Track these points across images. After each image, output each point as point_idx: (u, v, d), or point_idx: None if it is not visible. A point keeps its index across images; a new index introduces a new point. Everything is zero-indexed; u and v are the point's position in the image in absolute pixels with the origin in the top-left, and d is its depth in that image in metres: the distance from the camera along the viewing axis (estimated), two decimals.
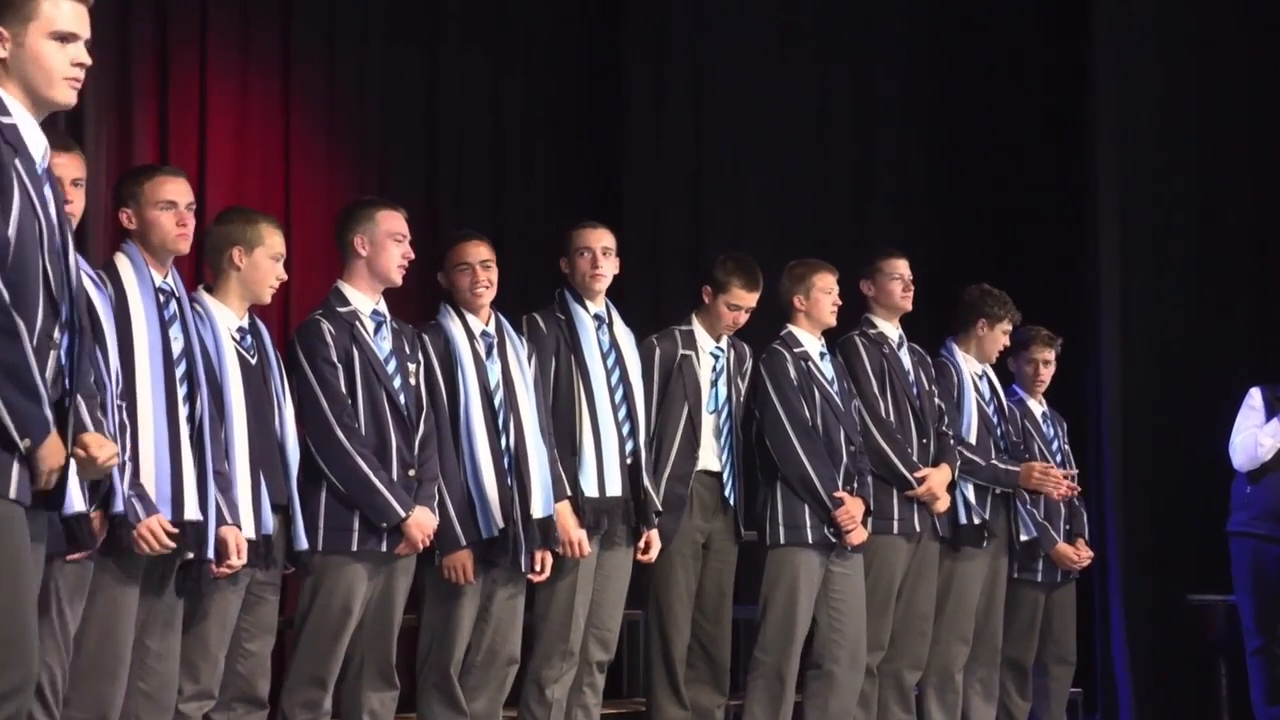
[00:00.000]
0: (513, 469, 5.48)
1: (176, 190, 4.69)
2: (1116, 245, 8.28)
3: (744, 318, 6.27)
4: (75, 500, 3.98)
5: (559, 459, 5.67)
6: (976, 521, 6.70)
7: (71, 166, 4.25)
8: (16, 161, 3.34)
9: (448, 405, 5.47)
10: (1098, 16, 8.38)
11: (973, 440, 6.78)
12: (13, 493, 3.26)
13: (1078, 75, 8.47)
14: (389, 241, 5.33)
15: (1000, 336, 6.95)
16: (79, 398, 3.47)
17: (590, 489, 5.73)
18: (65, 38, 3.45)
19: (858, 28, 8.80)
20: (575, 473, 5.72)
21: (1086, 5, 8.39)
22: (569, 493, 5.67)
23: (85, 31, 3.48)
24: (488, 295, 5.61)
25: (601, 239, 5.94)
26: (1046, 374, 7.17)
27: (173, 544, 4.39)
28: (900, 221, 8.70)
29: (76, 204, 4.26)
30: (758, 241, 7.73)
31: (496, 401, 5.53)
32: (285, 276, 5.08)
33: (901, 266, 6.67)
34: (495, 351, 5.59)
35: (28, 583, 3.31)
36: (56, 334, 3.37)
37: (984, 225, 8.65)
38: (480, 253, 5.62)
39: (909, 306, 6.69)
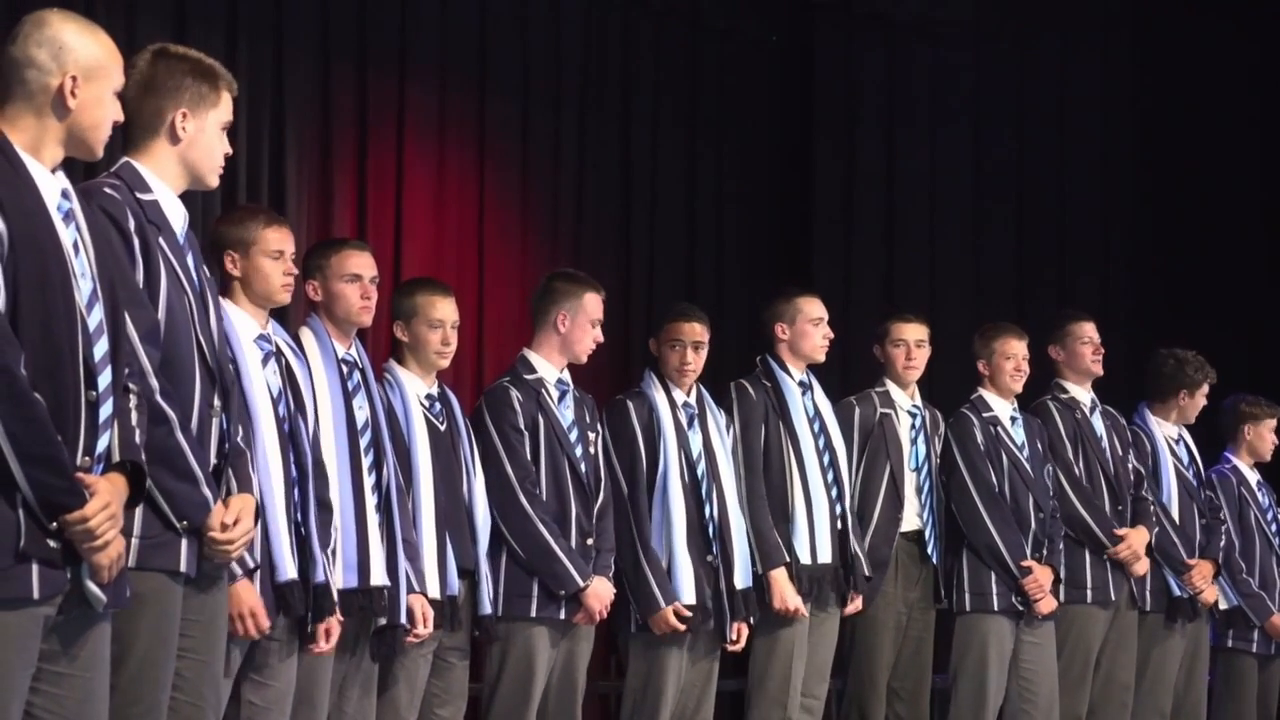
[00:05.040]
0: (717, 538, 5.51)
1: (362, 264, 4.74)
2: None
3: (918, 352, 6.21)
4: (287, 568, 4.09)
5: (773, 525, 5.67)
6: (1188, 595, 6.54)
7: (285, 241, 4.33)
8: (161, 240, 3.44)
9: (647, 473, 5.50)
10: None
11: (1174, 507, 6.62)
12: (182, 566, 3.37)
13: None
14: (589, 325, 5.39)
15: (1201, 400, 6.79)
16: (229, 461, 3.55)
17: (804, 555, 5.73)
18: (226, 128, 3.58)
19: (1056, 90, 8.68)
20: (789, 539, 5.72)
21: None
22: (785, 559, 5.67)
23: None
24: (691, 377, 5.67)
25: (823, 308, 5.99)
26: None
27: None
28: (1099, 285, 8.54)
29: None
30: (950, 311, 7.65)
31: (700, 471, 5.56)
32: (450, 342, 5.05)
33: (1089, 330, 6.55)
34: (697, 422, 5.63)
35: (170, 654, 3.38)
36: (217, 401, 3.47)
37: (1187, 285, 8.47)
38: (695, 332, 5.67)
39: (1099, 370, 6.56)
